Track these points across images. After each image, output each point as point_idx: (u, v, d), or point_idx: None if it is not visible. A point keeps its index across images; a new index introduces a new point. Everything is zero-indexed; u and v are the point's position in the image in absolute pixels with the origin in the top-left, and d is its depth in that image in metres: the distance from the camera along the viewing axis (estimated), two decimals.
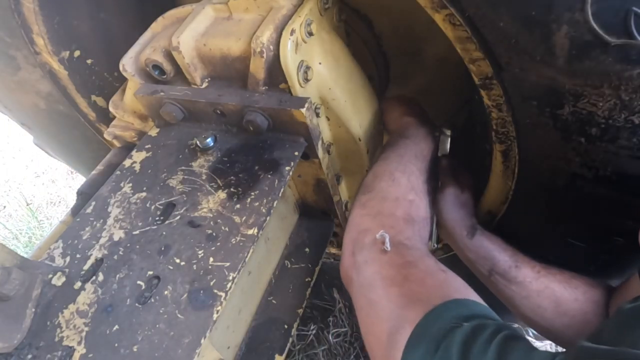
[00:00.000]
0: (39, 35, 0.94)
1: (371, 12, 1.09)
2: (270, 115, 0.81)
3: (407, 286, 0.61)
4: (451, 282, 0.62)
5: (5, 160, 2.98)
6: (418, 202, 0.76)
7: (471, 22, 0.61)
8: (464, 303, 0.57)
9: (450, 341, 0.51)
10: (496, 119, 0.74)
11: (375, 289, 0.63)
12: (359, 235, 0.71)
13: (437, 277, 0.62)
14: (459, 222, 0.89)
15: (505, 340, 0.49)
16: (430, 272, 0.63)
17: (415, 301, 0.57)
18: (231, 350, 0.88)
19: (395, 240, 0.68)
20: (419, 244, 0.71)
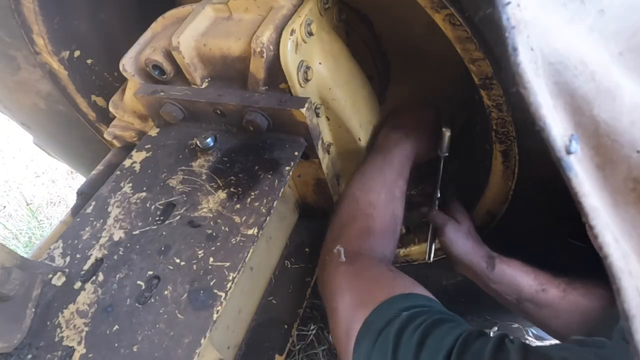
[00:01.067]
0: (39, 35, 0.94)
1: (371, 12, 1.09)
2: (270, 115, 0.81)
3: (358, 291, 0.69)
4: (398, 280, 0.69)
5: (5, 160, 2.98)
6: (376, 214, 0.83)
7: (471, 22, 0.61)
8: (408, 297, 0.64)
9: (389, 330, 0.58)
10: (496, 119, 0.74)
11: (334, 297, 0.72)
12: (324, 254, 0.82)
13: (384, 279, 0.70)
14: (475, 255, 0.87)
15: (433, 322, 0.57)
16: (378, 275, 0.71)
17: (366, 302, 0.65)
18: (231, 350, 0.88)
19: (351, 252, 0.77)
20: (376, 252, 0.78)
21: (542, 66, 0.39)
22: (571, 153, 0.40)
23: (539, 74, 0.39)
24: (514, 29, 0.38)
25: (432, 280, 1.21)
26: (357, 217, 0.83)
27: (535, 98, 0.38)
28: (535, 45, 0.39)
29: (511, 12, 0.38)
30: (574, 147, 0.40)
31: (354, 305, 0.67)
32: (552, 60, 0.39)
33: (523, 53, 0.38)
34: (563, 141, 0.39)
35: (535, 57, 0.38)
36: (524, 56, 0.38)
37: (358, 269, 0.74)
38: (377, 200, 0.84)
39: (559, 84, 0.39)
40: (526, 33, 0.38)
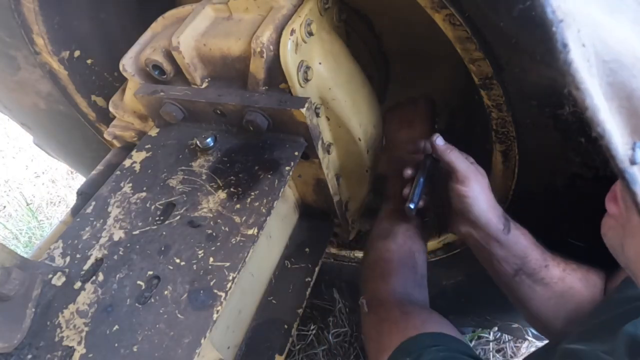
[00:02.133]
0: (39, 35, 0.94)
1: (371, 12, 1.09)
2: (270, 115, 0.81)
3: (380, 337, 0.76)
4: (409, 323, 0.74)
5: (5, 160, 2.98)
6: (392, 257, 0.88)
7: (471, 22, 0.61)
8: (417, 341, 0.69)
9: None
10: (496, 119, 0.74)
11: (366, 346, 0.82)
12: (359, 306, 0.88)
13: (401, 322, 0.75)
14: (494, 215, 0.77)
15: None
16: (395, 319, 0.76)
17: (385, 347, 0.71)
18: (231, 350, 0.88)
19: (373, 301, 0.84)
20: (396, 293, 0.83)
21: (595, 64, 0.35)
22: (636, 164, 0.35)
23: (593, 74, 0.35)
24: (561, 23, 0.34)
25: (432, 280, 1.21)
26: (376, 265, 0.90)
27: (592, 101, 0.35)
28: (587, 41, 0.35)
29: (556, 3, 0.35)
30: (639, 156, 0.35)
31: (377, 351, 0.73)
32: (607, 58, 0.36)
33: (574, 50, 0.34)
34: (625, 150, 0.35)
35: (587, 54, 0.35)
36: (576, 53, 0.34)
37: (380, 317, 0.79)
38: (393, 244, 0.90)
39: (614, 85, 0.36)
40: (576, 27, 0.35)
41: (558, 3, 0.35)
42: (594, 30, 0.35)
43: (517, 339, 1.54)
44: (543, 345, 0.78)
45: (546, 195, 0.79)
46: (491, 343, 1.54)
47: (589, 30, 0.35)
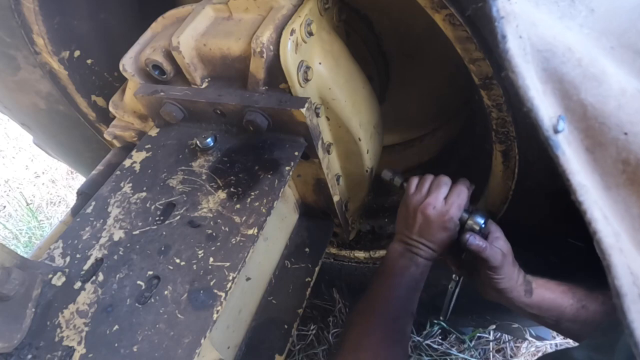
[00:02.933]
0: (39, 35, 0.94)
1: (371, 12, 1.09)
2: (270, 115, 0.81)
3: None
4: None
5: (5, 160, 2.98)
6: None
7: (471, 22, 0.61)
8: None
9: None
10: (496, 119, 0.74)
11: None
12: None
13: None
14: (517, 286, 0.80)
15: None
16: None
17: None
18: (231, 350, 0.88)
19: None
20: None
21: (530, 53, 0.41)
22: (559, 132, 0.41)
23: (528, 60, 0.41)
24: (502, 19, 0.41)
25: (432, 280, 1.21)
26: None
27: (524, 81, 0.40)
28: (524, 33, 0.41)
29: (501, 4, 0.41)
30: (562, 125, 0.41)
31: None
32: (541, 48, 0.41)
33: (511, 40, 0.41)
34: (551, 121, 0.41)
35: (523, 44, 0.41)
36: (512, 43, 0.41)
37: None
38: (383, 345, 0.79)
39: (548, 70, 0.41)
40: (515, 23, 0.41)
41: (503, 4, 0.42)
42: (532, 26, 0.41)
43: (517, 339, 1.54)
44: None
45: (546, 195, 0.79)
46: (491, 343, 1.54)
47: (527, 26, 0.41)
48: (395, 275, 0.86)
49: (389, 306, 0.82)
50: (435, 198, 0.85)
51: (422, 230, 0.86)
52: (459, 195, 0.85)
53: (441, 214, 0.84)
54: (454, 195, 0.85)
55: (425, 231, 0.86)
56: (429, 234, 0.86)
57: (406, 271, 0.86)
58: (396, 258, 0.88)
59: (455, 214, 0.84)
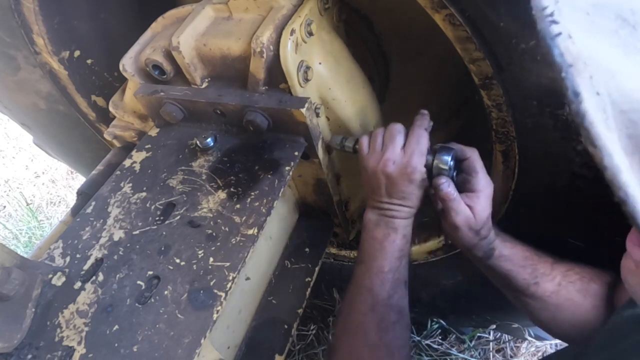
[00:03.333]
0: (39, 35, 0.94)
1: (371, 12, 1.09)
2: (270, 115, 0.81)
3: None
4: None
5: (5, 160, 2.98)
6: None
7: (471, 22, 0.61)
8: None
9: None
10: (496, 119, 0.74)
11: None
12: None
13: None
14: (473, 249, 0.79)
15: None
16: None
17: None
18: (231, 350, 0.88)
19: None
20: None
21: (612, 115, 0.30)
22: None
23: (610, 126, 0.30)
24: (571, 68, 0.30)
25: (432, 280, 1.21)
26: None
27: (611, 160, 0.30)
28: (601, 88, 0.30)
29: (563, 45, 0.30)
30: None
31: None
32: (625, 108, 0.30)
33: (587, 99, 0.30)
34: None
35: (603, 104, 0.30)
36: (589, 103, 0.30)
37: None
38: (366, 346, 0.73)
39: (635, 138, 0.31)
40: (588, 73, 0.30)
41: (566, 44, 0.30)
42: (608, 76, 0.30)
43: (517, 339, 1.54)
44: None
45: (546, 195, 0.79)
46: (491, 343, 1.54)
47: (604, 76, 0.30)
48: (376, 249, 0.79)
49: (379, 284, 0.76)
50: (391, 152, 0.77)
51: (389, 191, 0.79)
52: (418, 142, 0.76)
53: (403, 167, 0.76)
54: (413, 143, 0.76)
55: (393, 190, 0.78)
56: (398, 192, 0.78)
57: (386, 240, 0.79)
58: (372, 229, 0.81)
59: (418, 163, 0.76)
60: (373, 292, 0.76)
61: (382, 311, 0.74)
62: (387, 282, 0.76)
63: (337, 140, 0.89)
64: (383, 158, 0.77)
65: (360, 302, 0.76)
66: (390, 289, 0.76)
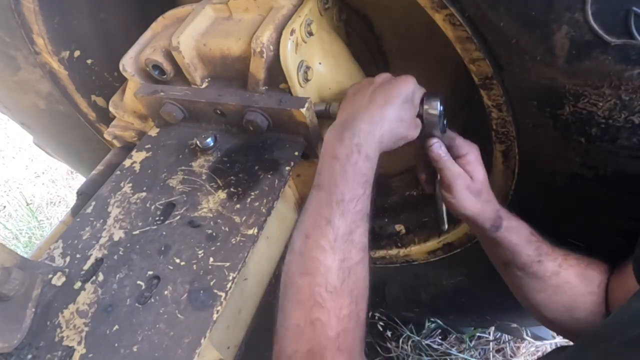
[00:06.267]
0: (39, 35, 0.94)
1: (371, 12, 1.09)
2: (270, 115, 0.81)
3: None
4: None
5: (5, 160, 2.98)
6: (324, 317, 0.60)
7: (471, 22, 0.61)
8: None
9: None
10: (496, 119, 0.74)
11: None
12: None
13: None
14: (480, 216, 0.77)
15: None
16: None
17: None
18: (231, 350, 0.88)
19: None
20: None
21: None
22: None
23: None
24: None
25: (432, 280, 1.21)
26: (302, 331, 0.61)
27: None
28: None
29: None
30: None
31: None
32: None
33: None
34: None
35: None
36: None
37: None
38: (325, 289, 0.61)
39: None
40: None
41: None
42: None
43: (517, 339, 1.54)
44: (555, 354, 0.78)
45: (546, 195, 0.79)
46: (491, 343, 1.54)
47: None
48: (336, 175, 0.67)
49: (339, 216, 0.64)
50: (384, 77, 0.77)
51: (371, 103, 0.72)
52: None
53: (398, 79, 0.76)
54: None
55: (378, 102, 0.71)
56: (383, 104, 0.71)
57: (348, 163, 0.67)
58: (333, 146, 0.69)
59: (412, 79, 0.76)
60: (333, 224, 0.63)
61: (344, 249, 0.63)
62: (349, 214, 0.64)
63: (320, 107, 0.82)
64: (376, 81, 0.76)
65: (318, 235, 0.63)
66: (352, 222, 0.64)
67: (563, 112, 0.62)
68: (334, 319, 0.60)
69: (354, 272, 0.63)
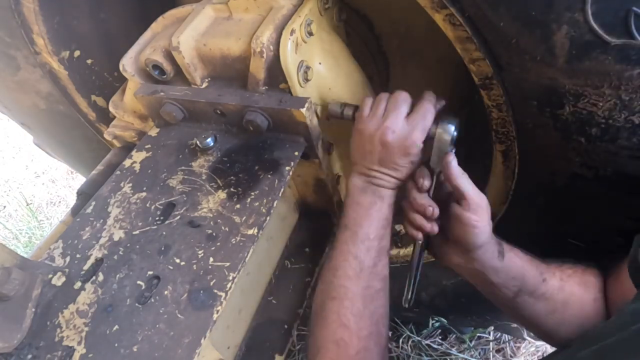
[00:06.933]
0: (39, 35, 0.94)
1: (371, 12, 1.09)
2: (270, 115, 0.81)
3: None
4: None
5: (5, 160, 2.98)
6: (347, 337, 0.68)
7: (471, 22, 0.61)
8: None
9: None
10: (496, 119, 0.74)
11: None
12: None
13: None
14: (491, 244, 0.72)
15: None
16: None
17: None
18: (231, 350, 0.88)
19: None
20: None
21: None
22: None
23: None
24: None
25: (432, 280, 1.21)
26: (326, 349, 0.69)
27: None
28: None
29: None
30: None
31: None
32: None
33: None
34: None
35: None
36: None
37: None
38: (350, 312, 0.70)
39: None
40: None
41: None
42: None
43: (517, 339, 1.54)
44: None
45: (546, 195, 0.79)
46: (491, 343, 1.54)
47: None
48: (362, 216, 0.76)
49: (364, 251, 0.74)
50: (394, 120, 0.72)
51: (382, 160, 0.75)
52: (424, 116, 0.72)
53: (402, 139, 0.72)
54: (418, 116, 0.72)
55: (386, 160, 0.75)
56: (391, 162, 0.75)
57: (372, 208, 0.76)
58: (358, 195, 0.77)
59: (419, 138, 0.72)
60: (359, 258, 0.73)
61: (368, 278, 0.72)
62: (373, 250, 0.74)
63: (335, 107, 0.83)
64: (383, 125, 0.73)
65: (345, 268, 0.73)
66: (375, 257, 0.74)
67: (563, 112, 0.62)
68: (356, 338, 0.68)
69: (376, 298, 0.72)
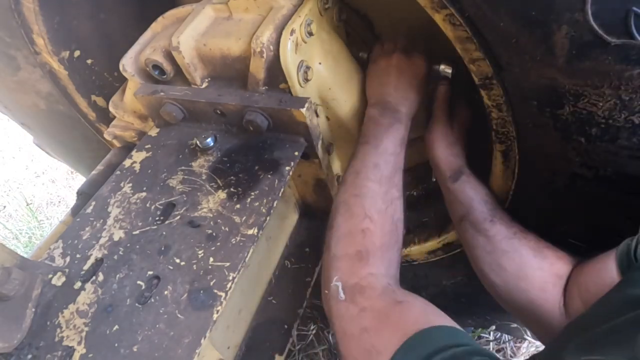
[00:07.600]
0: (39, 35, 0.94)
1: (371, 12, 1.09)
2: (270, 115, 0.81)
3: (364, 338, 0.60)
4: (407, 315, 0.60)
5: (5, 160, 2.98)
6: (374, 228, 0.72)
7: (471, 22, 0.61)
8: (424, 337, 0.55)
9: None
10: (496, 119, 0.74)
11: (341, 343, 0.64)
12: (324, 284, 0.72)
13: (392, 317, 0.60)
14: (444, 162, 0.87)
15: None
16: (384, 314, 0.61)
17: (380, 350, 0.56)
18: (231, 350, 0.88)
19: (350, 285, 0.67)
20: (379, 275, 0.68)
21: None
22: None
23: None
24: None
25: (432, 280, 1.21)
26: (353, 236, 0.72)
27: None
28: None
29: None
30: None
31: (365, 353, 0.58)
32: None
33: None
34: None
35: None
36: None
37: (360, 308, 0.63)
38: (374, 208, 0.74)
39: None
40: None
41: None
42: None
43: (517, 339, 1.54)
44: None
45: (546, 195, 0.79)
46: (491, 343, 1.54)
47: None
48: (382, 132, 0.83)
49: (384, 163, 0.79)
50: (405, 50, 0.89)
51: (397, 86, 0.87)
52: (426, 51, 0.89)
53: (413, 63, 0.88)
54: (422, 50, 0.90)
55: (401, 85, 0.87)
56: (406, 84, 0.87)
57: (392, 127, 0.83)
58: (378, 118, 0.85)
59: (425, 64, 0.89)
60: (379, 167, 0.79)
61: (388, 185, 0.78)
62: (391, 163, 0.80)
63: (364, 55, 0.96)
64: (397, 54, 0.89)
65: (368, 172, 0.78)
66: (392, 170, 0.80)
67: (563, 112, 0.62)
68: (380, 231, 0.72)
69: (395, 204, 0.77)
